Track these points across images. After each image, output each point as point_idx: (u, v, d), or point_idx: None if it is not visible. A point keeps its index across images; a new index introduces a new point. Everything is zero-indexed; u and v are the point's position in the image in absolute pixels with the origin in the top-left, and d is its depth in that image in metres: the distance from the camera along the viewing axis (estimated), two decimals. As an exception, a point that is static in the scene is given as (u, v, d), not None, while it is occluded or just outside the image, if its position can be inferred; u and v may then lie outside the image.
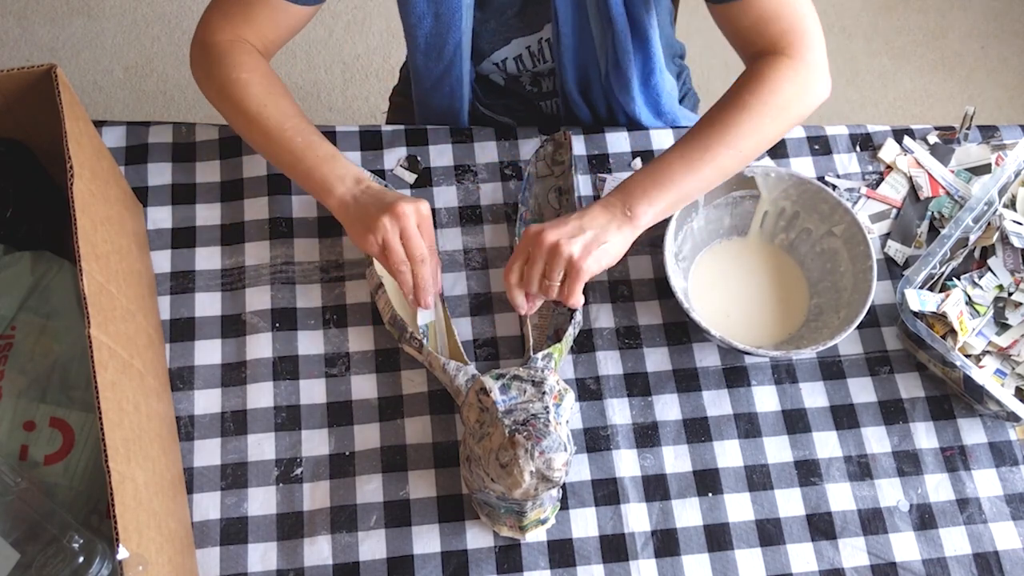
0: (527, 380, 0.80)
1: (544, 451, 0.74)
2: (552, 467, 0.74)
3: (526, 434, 0.75)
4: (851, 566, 0.84)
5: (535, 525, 0.83)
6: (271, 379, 0.90)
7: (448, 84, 1.01)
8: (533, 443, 0.74)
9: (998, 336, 0.93)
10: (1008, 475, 0.89)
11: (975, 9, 2.14)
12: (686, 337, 0.94)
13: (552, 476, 0.74)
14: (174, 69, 1.98)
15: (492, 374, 0.81)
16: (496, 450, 0.76)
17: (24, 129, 0.86)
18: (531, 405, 0.78)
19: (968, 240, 0.94)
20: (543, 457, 0.74)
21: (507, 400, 0.79)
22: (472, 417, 0.80)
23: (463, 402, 0.82)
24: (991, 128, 1.06)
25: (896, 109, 2.00)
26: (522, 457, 0.74)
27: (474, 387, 0.81)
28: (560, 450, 0.74)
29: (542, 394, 0.79)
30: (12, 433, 0.78)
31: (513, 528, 0.83)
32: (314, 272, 0.95)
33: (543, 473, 0.74)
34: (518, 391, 0.79)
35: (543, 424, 0.76)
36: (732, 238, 0.97)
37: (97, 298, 0.71)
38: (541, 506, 0.81)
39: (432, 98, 1.04)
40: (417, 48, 0.98)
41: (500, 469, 0.75)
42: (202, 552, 0.83)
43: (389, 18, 2.07)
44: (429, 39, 0.96)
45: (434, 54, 0.97)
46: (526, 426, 0.76)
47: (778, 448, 0.89)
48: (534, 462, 0.74)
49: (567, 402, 0.80)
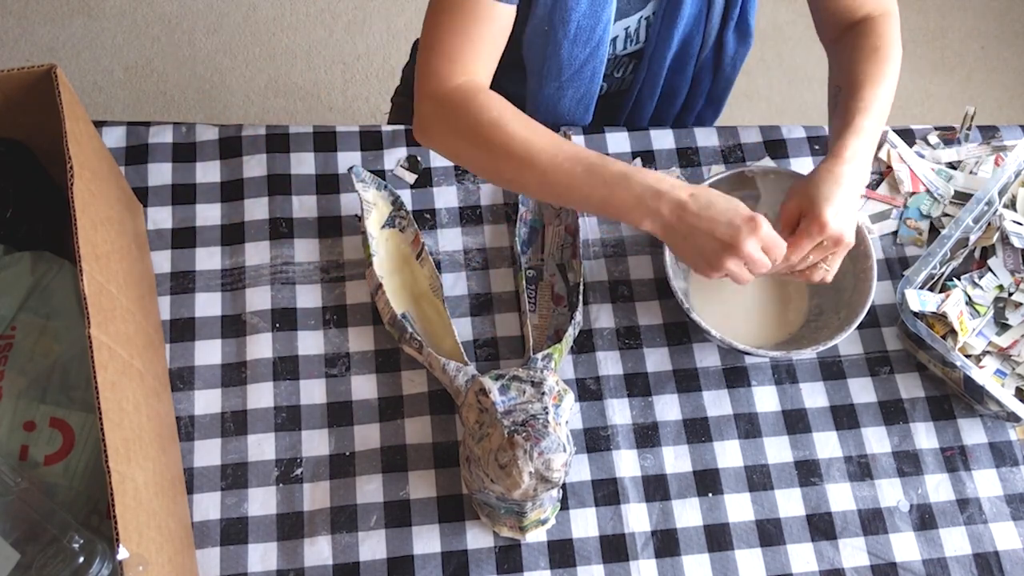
0: (526, 381, 0.80)
1: (543, 452, 0.74)
2: (551, 468, 0.74)
3: (525, 435, 0.75)
4: (851, 566, 0.84)
5: (535, 525, 0.83)
6: (271, 379, 0.90)
7: (591, 68, 0.98)
8: (532, 444, 0.74)
9: (998, 336, 0.92)
10: (1008, 475, 0.89)
11: (975, 9, 2.14)
12: (686, 337, 0.94)
13: (551, 477, 0.74)
14: (174, 69, 1.98)
15: (491, 375, 0.81)
16: (495, 451, 0.76)
17: (24, 129, 0.86)
18: (530, 406, 0.78)
19: (968, 240, 0.94)
20: (542, 458, 0.74)
21: (506, 401, 0.78)
22: (471, 418, 0.80)
23: (462, 403, 0.82)
24: (991, 128, 1.06)
25: (896, 109, 1.99)
26: (521, 458, 0.74)
27: (473, 387, 0.81)
28: (559, 451, 0.74)
29: (541, 395, 0.79)
30: (12, 433, 0.78)
31: (513, 528, 0.83)
32: (314, 272, 0.95)
33: (542, 474, 0.74)
34: (517, 392, 0.79)
35: (542, 425, 0.76)
36: (732, 238, 0.97)
37: (97, 298, 0.71)
38: (541, 506, 0.81)
39: (567, 90, 1.00)
40: (567, 36, 0.93)
41: (499, 470, 0.75)
42: (202, 552, 0.83)
43: (389, 18, 2.07)
44: (583, 21, 0.92)
45: (584, 37, 0.94)
46: (525, 427, 0.75)
47: (778, 448, 0.89)
48: (533, 463, 0.74)
49: (567, 403, 0.80)
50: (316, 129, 1.02)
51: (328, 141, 1.02)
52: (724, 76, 1.06)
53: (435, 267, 0.93)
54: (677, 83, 1.05)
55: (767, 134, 1.05)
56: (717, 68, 1.04)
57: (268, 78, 1.99)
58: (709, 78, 1.06)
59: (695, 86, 1.06)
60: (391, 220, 0.95)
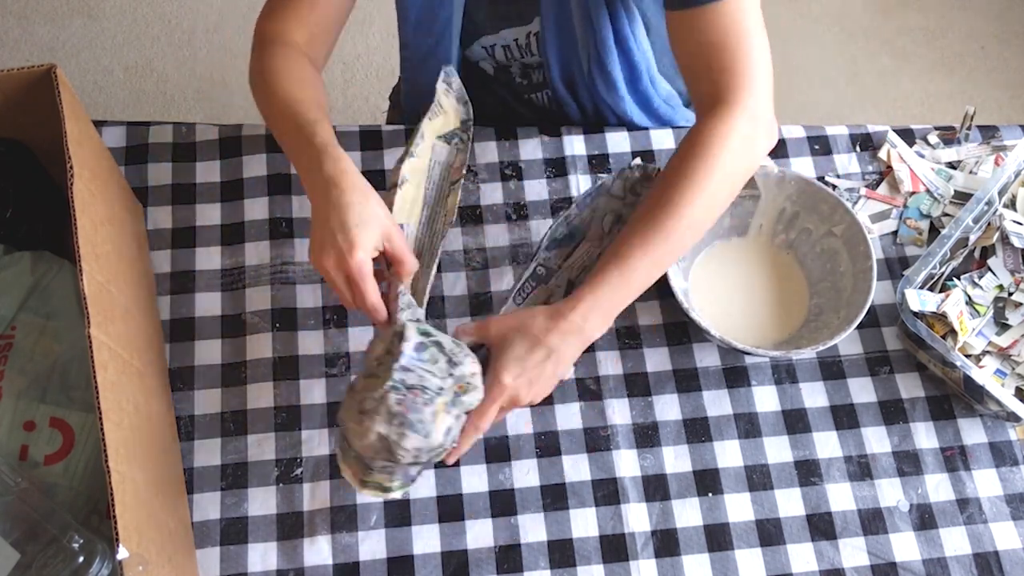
0: (447, 353, 0.74)
1: (403, 425, 0.70)
2: (400, 445, 0.70)
3: (400, 399, 0.71)
4: (851, 566, 0.84)
5: (376, 488, 0.76)
6: (271, 379, 0.90)
7: (435, 61, 0.99)
8: (401, 412, 0.70)
9: (998, 336, 0.92)
10: (1008, 475, 0.89)
11: (975, 9, 2.14)
12: (686, 337, 0.94)
13: (396, 452, 0.70)
14: (174, 69, 1.98)
15: (421, 327, 0.75)
16: (369, 393, 0.72)
17: (24, 129, 0.86)
18: (431, 378, 0.73)
19: (968, 240, 0.94)
20: (399, 430, 0.70)
21: (414, 359, 0.73)
22: (377, 351, 0.75)
23: (378, 335, 0.77)
24: (991, 128, 1.06)
25: (896, 109, 2.00)
26: (381, 416, 0.70)
27: (396, 328, 0.76)
28: (418, 435, 0.70)
29: (448, 375, 0.73)
30: (12, 433, 0.78)
31: (354, 478, 0.76)
32: (314, 272, 0.95)
33: (389, 444, 0.70)
34: (431, 357, 0.74)
35: (423, 403, 0.71)
36: (732, 238, 0.97)
37: (97, 298, 0.71)
38: (390, 474, 0.75)
39: (420, 75, 1.02)
40: (407, 20, 0.98)
41: (358, 413, 0.71)
42: (202, 552, 0.83)
43: (389, 18, 2.07)
44: (421, 10, 0.96)
45: (424, 27, 0.97)
46: (409, 392, 0.71)
47: (778, 448, 0.89)
48: (388, 428, 0.70)
49: (470, 398, 0.75)
50: (316, 129, 1.02)
51: (328, 141, 1.01)
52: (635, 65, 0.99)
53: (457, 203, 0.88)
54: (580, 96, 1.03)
55: (767, 134, 1.05)
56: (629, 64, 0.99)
57: (268, 78, 1.98)
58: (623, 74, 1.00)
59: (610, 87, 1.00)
60: (450, 135, 0.92)
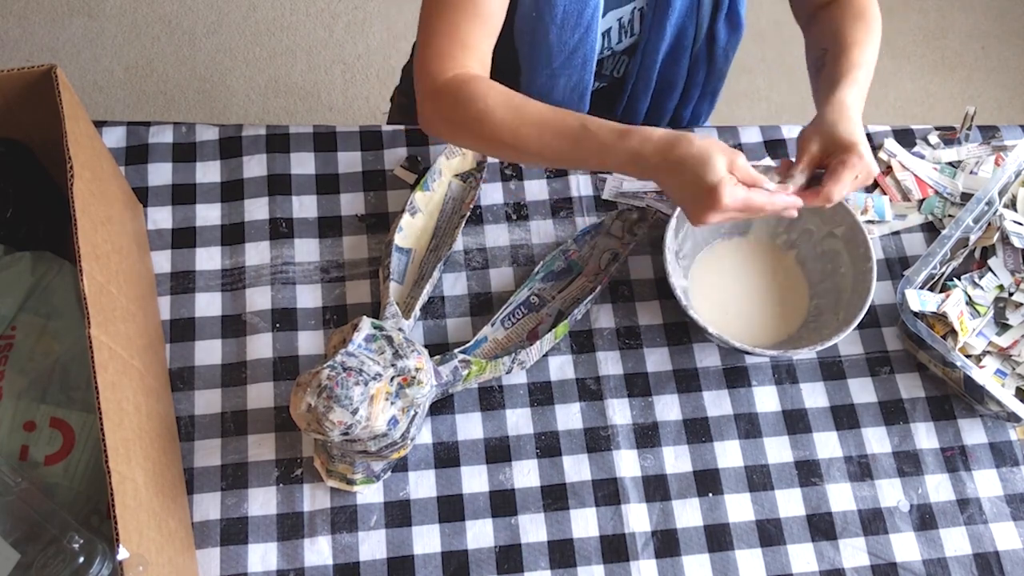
0: (394, 346, 0.76)
1: (331, 398, 0.71)
2: (326, 416, 0.71)
3: (332, 374, 0.73)
4: (851, 566, 0.84)
5: (339, 478, 0.84)
6: (271, 379, 0.90)
7: (582, 54, 0.98)
8: (331, 385, 0.72)
9: (998, 336, 0.92)
10: (1008, 475, 0.89)
11: (975, 9, 2.14)
12: (686, 337, 0.94)
13: (323, 424, 0.72)
14: (174, 69, 1.98)
15: (375, 322, 0.78)
16: (313, 370, 0.74)
17: (24, 129, 0.86)
18: (371, 364, 0.75)
19: (968, 240, 0.94)
20: (327, 403, 0.71)
21: (361, 347, 0.75)
22: (334, 340, 0.78)
23: (337, 328, 0.81)
24: (991, 128, 1.06)
25: (896, 109, 2.00)
26: (311, 387, 0.72)
27: (354, 321, 0.78)
28: (343, 410, 0.71)
29: (391, 364, 0.75)
30: (12, 433, 0.78)
31: (322, 467, 0.84)
32: (314, 272, 0.95)
33: (317, 415, 0.72)
34: (377, 348, 0.76)
35: (355, 383, 0.73)
36: (732, 238, 0.97)
37: (97, 298, 0.71)
38: (350, 464, 0.81)
39: (559, 78, 1.01)
40: (553, 21, 0.94)
41: (296, 386, 0.74)
42: (202, 552, 0.83)
43: (389, 19, 2.07)
44: (569, 5, 0.93)
45: (571, 21, 0.94)
46: (344, 372, 0.73)
47: (778, 448, 0.89)
48: (316, 400, 0.72)
49: (413, 392, 0.76)
50: (316, 129, 1.02)
51: (328, 141, 1.02)
52: (717, 67, 1.06)
53: (460, 230, 0.95)
54: (672, 76, 1.05)
55: (767, 134, 1.05)
56: (710, 60, 1.05)
57: (268, 78, 1.99)
58: (703, 70, 1.06)
59: (690, 78, 1.06)
60: (466, 175, 0.99)
